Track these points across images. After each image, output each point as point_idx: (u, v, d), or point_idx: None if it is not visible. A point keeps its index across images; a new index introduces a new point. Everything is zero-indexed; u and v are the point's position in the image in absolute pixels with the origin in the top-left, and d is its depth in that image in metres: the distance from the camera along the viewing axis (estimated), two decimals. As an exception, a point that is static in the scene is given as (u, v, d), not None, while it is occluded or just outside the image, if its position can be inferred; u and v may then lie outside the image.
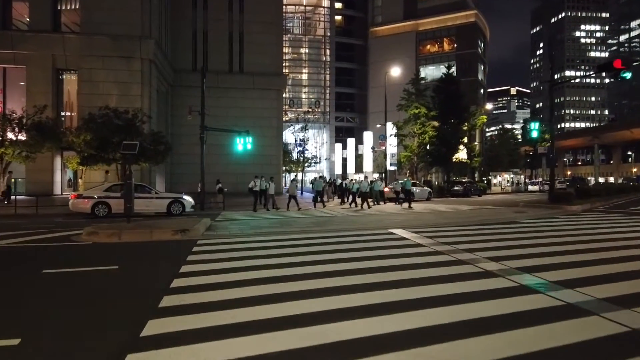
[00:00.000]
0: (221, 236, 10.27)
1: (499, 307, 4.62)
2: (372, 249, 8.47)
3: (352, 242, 9.25)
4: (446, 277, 6.03)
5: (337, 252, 8.10)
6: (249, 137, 24.70)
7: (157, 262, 7.48)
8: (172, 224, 11.07)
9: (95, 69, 30.75)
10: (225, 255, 7.79)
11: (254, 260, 7.26)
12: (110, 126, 24.37)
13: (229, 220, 14.97)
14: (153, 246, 9.03)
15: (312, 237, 10.14)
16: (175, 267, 6.72)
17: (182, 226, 10.30)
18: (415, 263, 7.03)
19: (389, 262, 7.07)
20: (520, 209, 19.51)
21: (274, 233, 10.80)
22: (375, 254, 7.90)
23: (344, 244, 9.08)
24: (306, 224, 12.90)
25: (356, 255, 7.75)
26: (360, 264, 6.94)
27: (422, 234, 10.47)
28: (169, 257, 7.84)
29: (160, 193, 19.07)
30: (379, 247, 8.62)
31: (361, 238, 9.88)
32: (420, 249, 8.42)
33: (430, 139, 40.23)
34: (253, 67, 41.53)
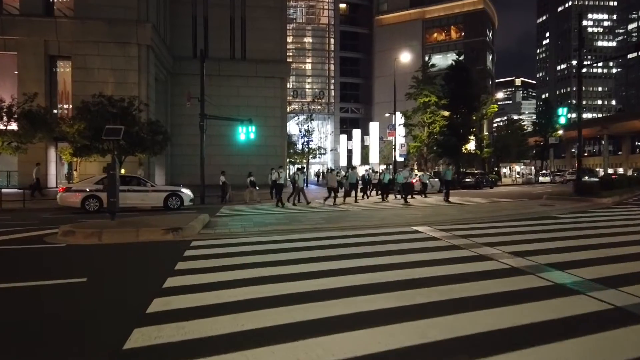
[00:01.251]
0: (220, 236, 8.84)
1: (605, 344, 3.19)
2: (398, 252, 7.03)
3: (374, 244, 7.82)
4: (509, 295, 4.58)
5: (359, 256, 6.67)
6: (252, 126, 23.21)
7: (138, 271, 6.03)
8: (164, 221, 9.65)
9: (89, 55, 29.26)
10: (222, 261, 6.35)
11: (258, 269, 5.83)
12: (105, 115, 22.94)
13: (230, 216, 13.54)
14: (138, 249, 7.61)
15: (325, 236, 8.71)
16: (158, 279, 5.30)
17: (174, 224, 8.88)
18: (460, 274, 5.58)
19: (423, 273, 5.63)
20: (545, 201, 18.02)
21: (280, 232, 9.37)
22: (404, 259, 6.46)
23: (363, 245, 7.65)
24: (317, 220, 11.46)
25: (382, 261, 6.33)
26: (391, 276, 5.50)
27: (451, 232, 9.03)
28: (154, 265, 6.40)
29: (156, 186, 17.69)
30: (406, 250, 7.18)
31: (382, 238, 8.44)
32: (458, 253, 6.98)
33: (441, 129, 38.64)
34: (256, 53, 39.90)
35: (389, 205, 17.63)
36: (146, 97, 29.06)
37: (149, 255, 7.09)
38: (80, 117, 23.13)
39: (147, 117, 26.85)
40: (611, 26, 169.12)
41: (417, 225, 10.31)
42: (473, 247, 7.31)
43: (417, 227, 9.98)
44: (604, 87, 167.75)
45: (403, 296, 4.55)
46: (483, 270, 5.71)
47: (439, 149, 39.39)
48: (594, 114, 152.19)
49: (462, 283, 5.05)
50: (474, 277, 5.32)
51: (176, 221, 9.54)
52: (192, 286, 5.01)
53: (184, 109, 29.17)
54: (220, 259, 6.51)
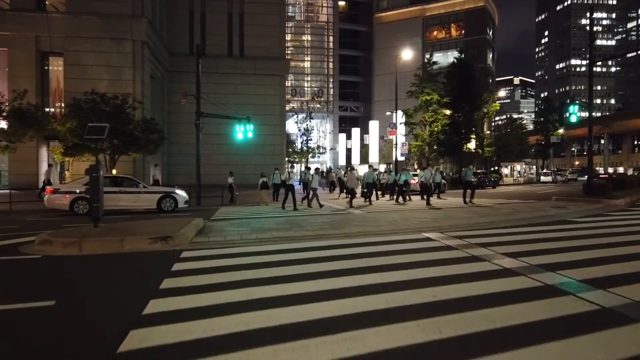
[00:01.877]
0: (214, 244, 8.04)
1: None
2: (412, 265, 6.26)
3: (383, 255, 7.03)
4: (562, 324, 3.82)
5: (368, 270, 5.89)
6: (250, 124, 22.42)
7: (117, 291, 5.21)
8: (153, 227, 8.85)
9: (82, 51, 28.39)
10: (214, 278, 5.55)
11: (256, 288, 5.04)
12: (98, 113, 22.14)
13: (226, 220, 12.75)
14: (121, 262, 6.79)
15: (329, 245, 7.92)
16: (139, 302, 4.52)
17: (164, 231, 8.08)
18: (491, 294, 4.81)
19: (448, 292, 4.86)
20: (556, 203, 17.27)
21: (280, 239, 8.57)
22: (421, 274, 5.69)
23: (372, 257, 6.86)
24: (319, 225, 10.67)
25: (396, 276, 5.56)
26: (411, 297, 4.72)
27: (466, 239, 8.26)
28: (137, 283, 5.59)
29: (149, 187, 16.86)
30: (421, 264, 6.40)
31: (392, 247, 7.66)
32: (481, 266, 6.21)
33: (443, 127, 37.84)
34: (254, 50, 39.07)
35: (394, 208, 16.86)
36: (141, 95, 28.25)
37: (132, 270, 6.26)
38: (72, 115, 22.32)
39: (142, 115, 26.05)
40: (610, 25, 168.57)
41: (428, 231, 9.53)
42: (495, 259, 6.54)
43: (428, 233, 9.21)
44: (602, 85, 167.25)
45: (431, 326, 3.77)
46: (515, 290, 4.93)
47: (441, 147, 38.60)
48: (593, 113, 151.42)
49: (498, 307, 4.27)
50: (509, 299, 4.54)
51: (166, 227, 8.74)
52: (177, 312, 4.23)
53: (181, 107, 28.33)
54: (212, 274, 5.71)
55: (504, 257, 6.69)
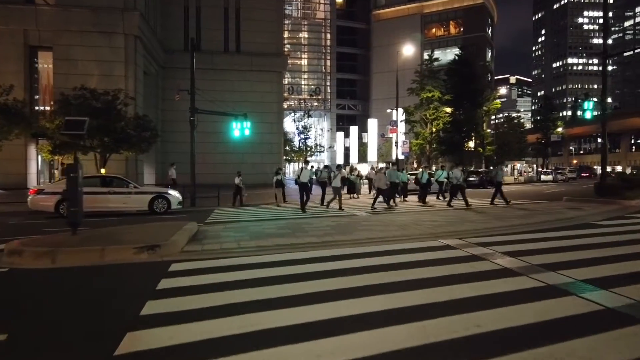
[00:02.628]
0: (208, 254, 7.09)
1: None
2: (438, 282, 5.38)
3: (400, 267, 6.14)
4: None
5: (385, 289, 5.00)
6: (247, 121, 21.46)
7: (88, 318, 4.24)
8: (140, 234, 7.91)
9: (72, 45, 27.33)
10: (206, 300, 4.61)
11: (253, 315, 4.13)
12: (87, 109, 21.15)
13: (222, 223, 11.81)
14: (98, 277, 5.82)
15: (336, 254, 7.00)
16: (114, 335, 3.60)
17: (151, 239, 7.14)
18: (548, 321, 3.93)
19: (491, 320, 3.98)
20: (569, 204, 16.44)
21: (282, 248, 7.64)
22: (453, 294, 4.81)
23: (387, 270, 5.96)
24: (324, 229, 9.75)
25: (422, 298, 4.67)
26: (449, 328, 3.84)
27: (491, 247, 7.38)
28: (113, 306, 4.63)
29: (140, 187, 15.90)
30: (448, 280, 5.52)
31: (409, 258, 6.77)
32: (521, 282, 5.33)
33: (444, 125, 37.02)
34: (251, 46, 38.07)
35: (399, 209, 15.99)
36: (134, 91, 27.22)
37: (110, 288, 5.29)
38: (61, 112, 21.33)
39: (134, 113, 25.06)
40: (607, 23, 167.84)
41: (445, 237, 8.64)
42: (532, 273, 5.65)
43: (446, 239, 8.32)
44: (599, 84, 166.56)
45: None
46: (577, 316, 4.05)
47: (442, 146, 37.79)
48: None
49: (569, 340, 3.38)
50: (578, 328, 3.66)
51: (155, 234, 7.80)
52: (160, 352, 3.31)
53: (176, 104, 27.35)
54: (204, 295, 4.76)
55: (542, 269, 5.80)
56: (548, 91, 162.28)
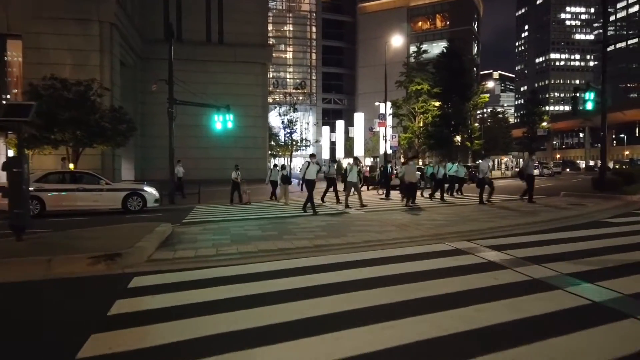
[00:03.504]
0: (180, 262, 6.01)
1: None
2: (460, 298, 4.44)
3: (408, 280, 5.18)
4: None
5: (395, 312, 4.03)
6: (230, 113, 20.29)
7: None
8: (101, 239, 6.79)
9: (44, 33, 25.74)
10: (171, 332, 3.57)
11: (232, 355, 3.12)
12: (58, 100, 19.75)
13: (201, 223, 10.73)
14: (36, 298, 4.68)
15: (330, 263, 6.00)
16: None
17: (112, 245, 6.05)
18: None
19: (538, 353, 3.02)
20: (570, 200, 15.69)
21: (268, 253, 6.60)
22: (484, 316, 3.87)
23: (393, 283, 5.00)
24: (314, 231, 8.74)
25: (443, 321, 3.73)
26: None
27: (504, 251, 6.48)
28: (45, 342, 3.54)
29: (113, 184, 14.67)
30: (470, 296, 4.59)
31: (415, 266, 5.81)
32: (556, 298, 4.42)
33: (433, 119, 36.25)
34: (234, 37, 36.74)
35: (389, 205, 15.08)
36: (110, 82, 25.80)
37: (48, 315, 4.17)
38: (32, 103, 19.85)
39: (110, 104, 23.65)
40: (589, 19, 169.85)
41: (451, 239, 7.71)
42: (569, 286, 4.73)
43: (453, 242, 7.38)
44: (581, 79, 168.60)
45: None
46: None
47: (431, 140, 37.05)
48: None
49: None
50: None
51: (119, 238, 6.69)
52: None
53: (156, 97, 26.04)
54: (168, 325, 3.69)
55: (576, 280, 4.89)
56: (531, 86, 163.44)
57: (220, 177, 32.09)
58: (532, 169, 15.32)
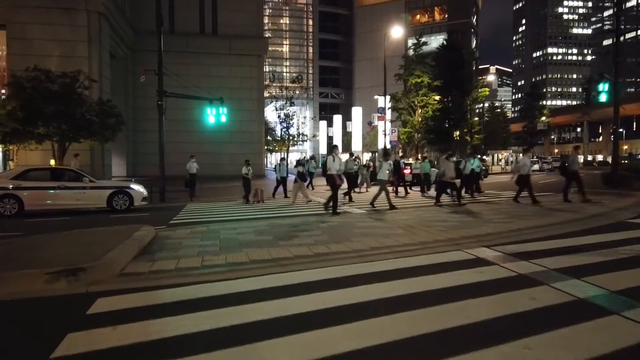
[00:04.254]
0: (157, 277, 5.11)
1: None
2: (498, 326, 3.61)
3: (431, 300, 4.36)
4: None
5: (426, 350, 3.19)
6: (223, 107, 19.36)
7: None
8: (67, 247, 5.88)
9: (29, 23, 24.64)
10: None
11: None
12: (43, 93, 18.76)
13: (190, 224, 9.84)
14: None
15: (334, 277, 5.13)
16: None
17: (77, 257, 5.16)
18: None
19: None
20: (582, 197, 14.88)
21: (262, 264, 5.71)
22: (539, 355, 3.02)
23: (415, 306, 4.17)
24: (315, 235, 7.87)
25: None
26: None
27: (536, 261, 5.64)
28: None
29: (98, 182, 13.72)
30: (508, 321, 3.77)
31: (436, 280, 4.95)
32: (628, 330, 3.57)
33: (433, 113, 35.34)
34: (229, 28, 35.64)
35: (406, 203, 14.22)
36: (98, 74, 24.74)
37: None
38: (15, 96, 18.91)
39: (98, 97, 22.64)
40: (586, 13, 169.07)
41: (468, 244, 6.84)
42: (623, 309, 3.89)
43: (471, 249, 6.53)
44: (578, 74, 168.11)
45: None
46: None
47: (430, 134, 36.18)
48: (569, 102, 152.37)
49: None
50: None
51: (89, 247, 5.78)
52: None
53: (147, 91, 25.04)
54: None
55: (633, 301, 4.05)
56: (528, 81, 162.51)
57: (214, 174, 31.16)
58: (576, 165, 13.79)
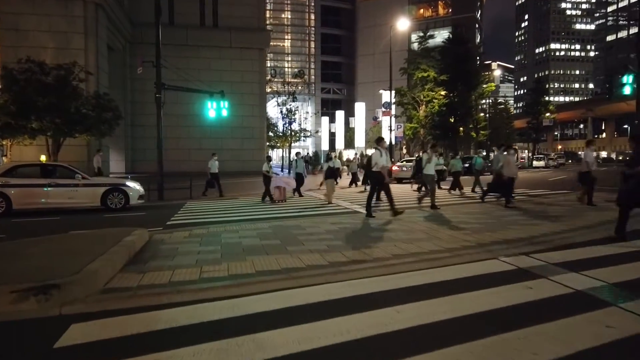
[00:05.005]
0: (146, 293, 4.30)
1: None
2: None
3: (486, 330, 3.55)
4: None
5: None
6: (224, 100, 18.56)
7: None
8: (42, 255, 5.09)
9: (23, 14, 23.79)
10: None
11: None
12: (36, 85, 17.95)
13: (188, 226, 9.04)
14: None
15: (357, 294, 4.31)
16: None
17: (53, 268, 4.36)
18: None
19: None
20: (600, 195, 14.05)
21: (270, 277, 4.90)
22: None
23: (465, 337, 3.37)
24: (325, 237, 7.08)
25: None
26: None
27: (588, 273, 4.84)
28: None
29: (91, 179, 12.90)
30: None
31: (484, 302, 4.13)
32: None
33: (440, 108, 34.47)
34: (230, 20, 34.73)
35: (407, 206, 13.40)
36: (95, 67, 23.95)
37: None
38: (7, 89, 18.12)
39: (94, 90, 21.82)
40: (589, 9, 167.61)
41: (501, 250, 6.04)
42: None
43: (507, 257, 5.72)
44: (581, 70, 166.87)
45: None
46: None
47: (436, 130, 35.33)
48: (572, 97, 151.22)
49: None
50: None
51: (67, 257, 4.99)
52: None
53: (146, 83, 24.23)
54: None
55: None
56: (531, 77, 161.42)
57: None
58: (593, 164, 12.03)
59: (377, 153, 9.95)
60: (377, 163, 9.73)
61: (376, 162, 9.81)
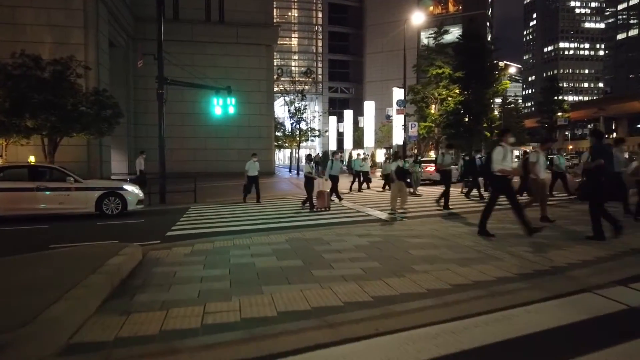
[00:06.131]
0: (125, 354, 3.07)
1: None
2: None
3: None
4: None
5: None
6: (231, 97, 17.32)
7: None
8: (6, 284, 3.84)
9: (19, 7, 22.61)
10: None
11: None
12: (31, 81, 16.80)
13: (191, 237, 7.78)
14: None
15: (433, 356, 3.06)
16: None
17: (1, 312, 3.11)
18: None
19: None
20: None
21: (297, 321, 3.61)
22: None
23: None
24: (356, 256, 5.80)
25: None
26: None
27: None
28: None
29: (85, 182, 11.65)
30: None
31: None
32: None
33: (455, 106, 33.07)
34: (236, 15, 33.47)
35: (419, 211, 12.06)
36: (95, 63, 22.75)
37: None
38: (1, 85, 16.98)
39: (94, 87, 20.65)
40: (599, 7, 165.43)
41: (590, 281, 4.74)
42: None
43: (602, 290, 4.42)
44: (590, 69, 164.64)
45: None
46: None
47: (451, 129, 33.93)
48: (581, 97, 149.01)
49: None
50: None
51: (26, 293, 3.74)
52: None
53: (149, 81, 22.87)
54: None
55: None
56: (539, 76, 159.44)
57: (220, 170, 29.18)
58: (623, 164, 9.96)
59: (499, 150, 7.37)
60: (495, 162, 7.25)
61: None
